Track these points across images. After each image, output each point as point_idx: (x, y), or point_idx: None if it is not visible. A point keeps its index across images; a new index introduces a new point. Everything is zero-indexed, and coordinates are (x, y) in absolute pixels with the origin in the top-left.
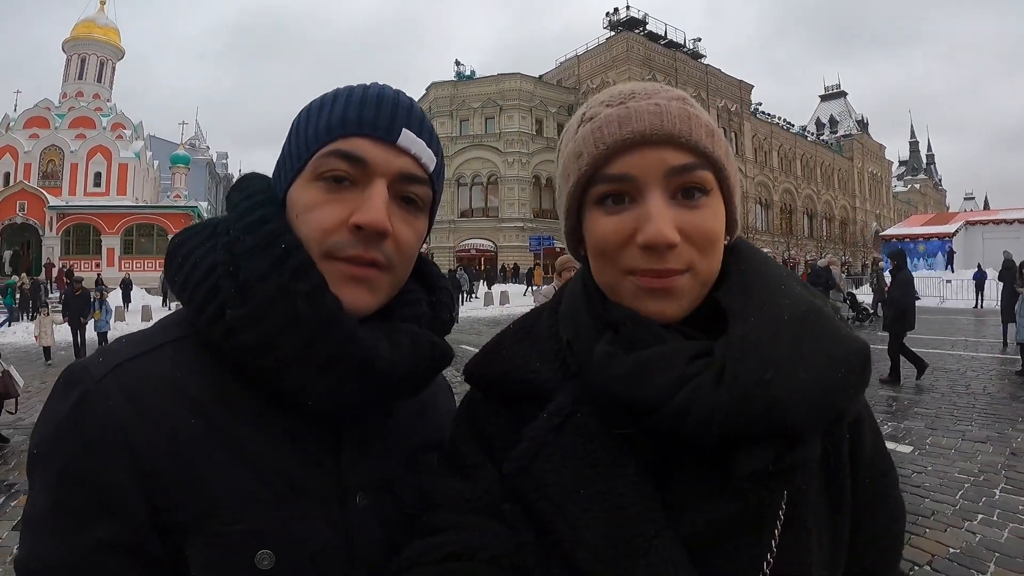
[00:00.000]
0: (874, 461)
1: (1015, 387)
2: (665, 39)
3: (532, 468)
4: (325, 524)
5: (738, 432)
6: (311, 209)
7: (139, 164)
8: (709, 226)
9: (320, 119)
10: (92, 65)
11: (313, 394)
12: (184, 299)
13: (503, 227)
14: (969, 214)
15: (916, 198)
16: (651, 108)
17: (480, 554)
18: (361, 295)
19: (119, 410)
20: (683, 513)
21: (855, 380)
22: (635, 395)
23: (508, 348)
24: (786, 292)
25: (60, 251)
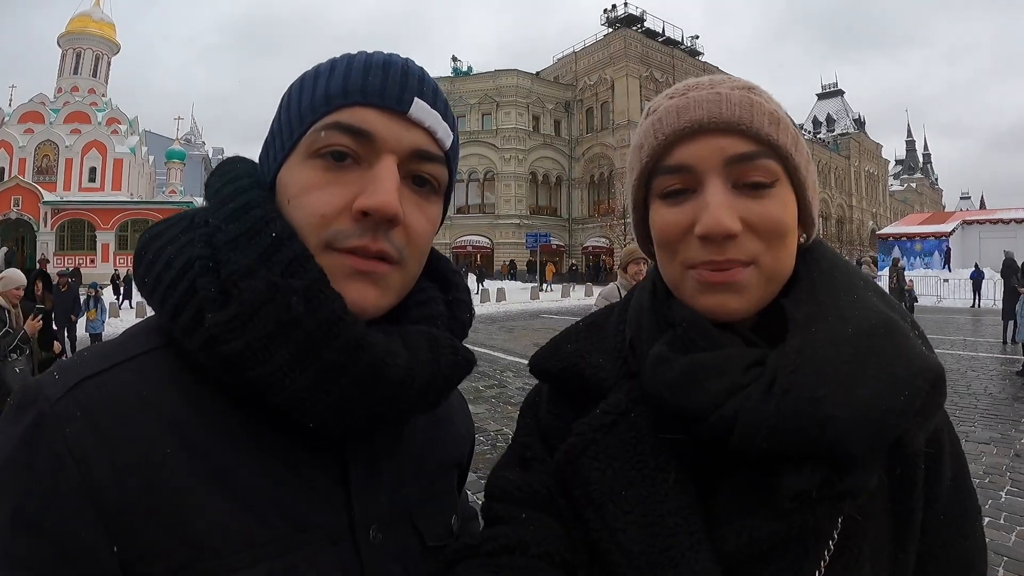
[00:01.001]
0: (953, 496)
1: (1016, 388)
2: (663, 36)
3: (579, 463)
4: (336, 567)
5: (785, 449)
6: (307, 192)
7: (134, 159)
8: (775, 216)
9: (316, 88)
10: (87, 60)
11: (315, 412)
12: (156, 303)
13: (499, 224)
14: (966, 213)
15: (913, 197)
16: (710, 97)
17: (532, 549)
18: (368, 292)
19: (79, 438)
20: (722, 528)
21: (922, 404)
22: (683, 402)
23: (573, 342)
24: (857, 303)
25: (54, 247)
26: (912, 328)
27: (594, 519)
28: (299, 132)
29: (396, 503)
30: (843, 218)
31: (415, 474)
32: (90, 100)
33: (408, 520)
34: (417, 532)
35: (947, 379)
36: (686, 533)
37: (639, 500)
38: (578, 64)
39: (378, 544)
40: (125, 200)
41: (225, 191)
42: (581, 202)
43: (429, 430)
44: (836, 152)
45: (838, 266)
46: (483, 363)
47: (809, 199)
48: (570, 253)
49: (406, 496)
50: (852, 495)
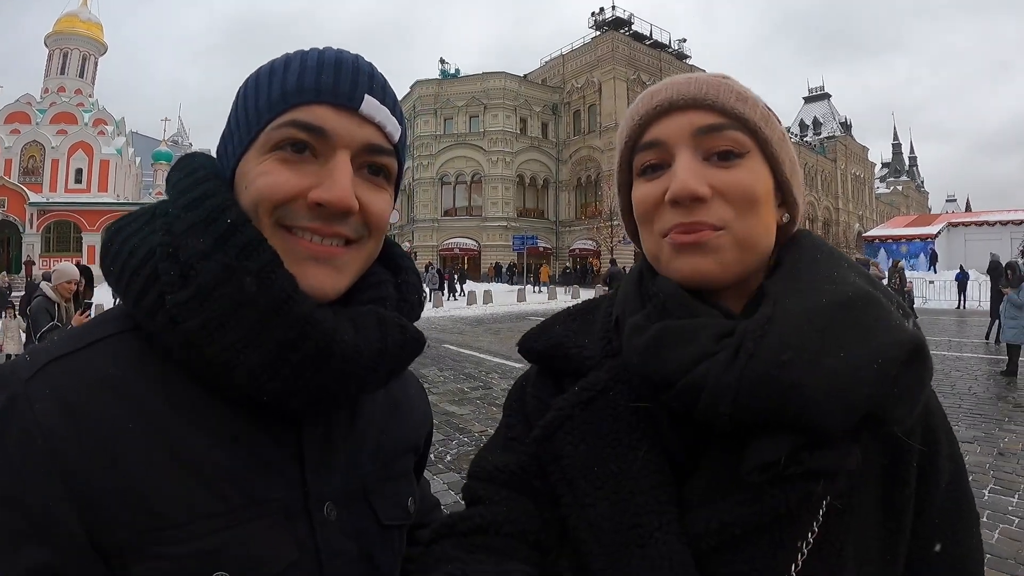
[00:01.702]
0: (949, 500)
1: (1000, 387)
2: (650, 39)
3: (554, 439)
4: (290, 541)
5: (750, 418)
6: (262, 176)
7: (121, 160)
8: (746, 183)
9: (272, 86)
10: (74, 60)
11: (268, 387)
12: (120, 290)
13: (487, 226)
14: (951, 216)
15: (899, 200)
16: (680, 79)
17: (506, 528)
18: (326, 276)
19: (48, 417)
20: (693, 511)
21: (898, 375)
22: (652, 367)
23: (562, 323)
24: (836, 279)
25: (40, 248)
26: (897, 307)
27: (566, 494)
28: (256, 128)
29: (351, 482)
30: (829, 220)
31: (371, 456)
32: (77, 101)
33: (363, 499)
34: (372, 511)
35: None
36: (655, 513)
37: (611, 477)
38: (565, 67)
39: (332, 520)
40: (111, 202)
41: (183, 183)
42: (568, 204)
43: (386, 415)
44: (823, 155)
45: (821, 249)
46: (468, 365)
47: (786, 175)
48: (557, 255)
49: (361, 476)
50: (826, 474)
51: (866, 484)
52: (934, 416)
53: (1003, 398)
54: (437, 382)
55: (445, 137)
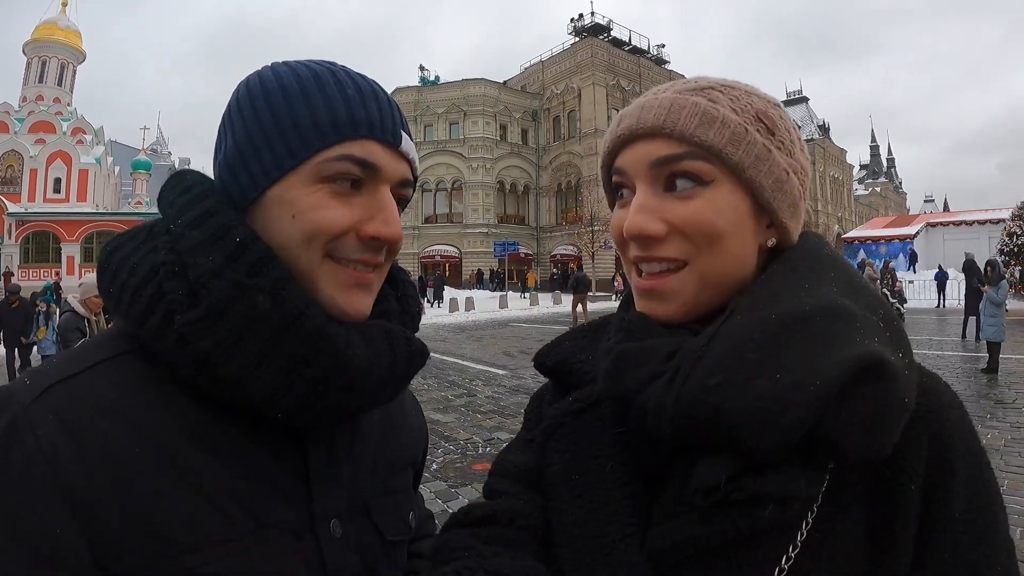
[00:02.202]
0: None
1: (981, 385)
2: (629, 45)
3: (546, 445)
4: (298, 561)
5: (689, 440)
6: (316, 209)
7: (100, 170)
8: (704, 217)
9: (316, 112)
10: (53, 68)
11: (282, 403)
12: (122, 311)
13: (468, 233)
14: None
15: (877, 201)
16: (644, 103)
17: (520, 520)
18: (365, 301)
19: (51, 440)
20: (654, 528)
21: (841, 396)
22: (612, 390)
23: (571, 339)
24: (802, 291)
25: (19, 259)
26: (881, 320)
27: (550, 498)
28: (303, 155)
29: (354, 498)
30: (809, 223)
31: (371, 471)
32: (55, 109)
33: (366, 515)
34: (375, 527)
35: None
36: (620, 524)
37: (588, 486)
38: (545, 73)
39: (338, 537)
40: (91, 211)
41: (180, 201)
42: (549, 210)
43: (384, 430)
44: None
45: (806, 257)
46: (452, 372)
47: (768, 200)
48: (539, 261)
49: (363, 492)
50: (773, 500)
51: (853, 513)
52: (951, 432)
53: (984, 395)
54: (421, 390)
55: (425, 144)
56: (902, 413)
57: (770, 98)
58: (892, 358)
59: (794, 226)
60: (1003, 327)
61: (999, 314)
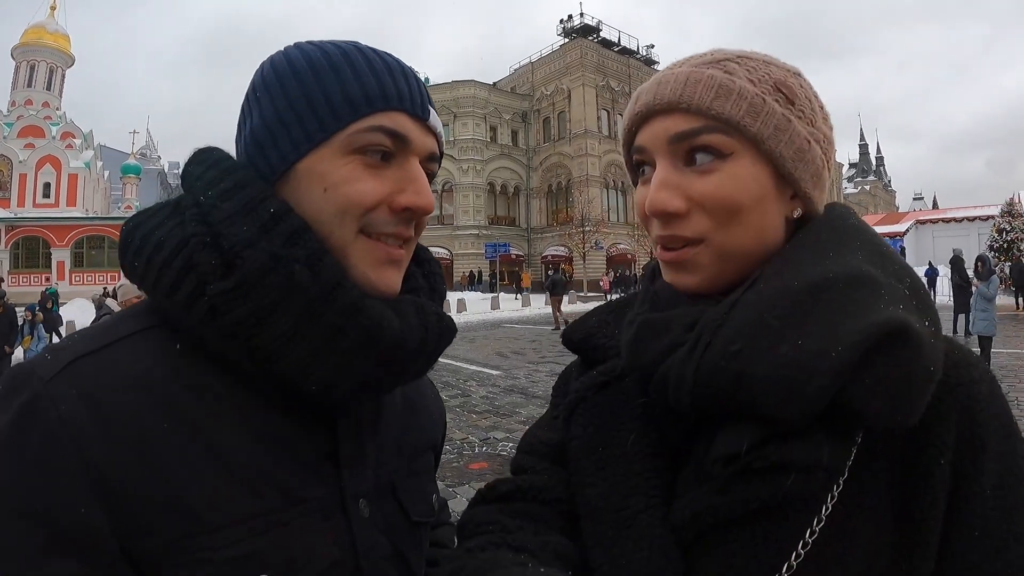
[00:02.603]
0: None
1: None
2: (619, 46)
3: (571, 419)
4: (329, 539)
5: (710, 408)
6: (349, 182)
7: (89, 174)
8: (724, 192)
9: (347, 86)
10: (42, 72)
11: (317, 375)
12: (148, 285)
13: (458, 234)
14: (919, 213)
15: (867, 199)
16: (660, 78)
17: (544, 495)
18: (396, 277)
19: (74, 417)
20: (677, 499)
21: (866, 364)
22: (634, 360)
23: (598, 315)
24: (826, 260)
25: (9, 265)
26: (907, 288)
27: (574, 472)
28: (334, 128)
29: (381, 478)
30: None
31: (395, 454)
32: (44, 114)
33: (392, 495)
34: (402, 507)
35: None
36: (643, 495)
37: (611, 459)
38: (535, 74)
39: (367, 516)
40: (80, 216)
41: (209, 175)
42: (540, 211)
43: (406, 415)
44: None
45: (831, 227)
46: (446, 373)
47: (790, 171)
48: (529, 262)
49: (389, 472)
50: (795, 469)
51: (881, 487)
52: (982, 408)
53: None
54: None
55: None
56: (928, 381)
57: (789, 67)
58: (917, 325)
59: (818, 196)
60: (995, 322)
61: (990, 309)
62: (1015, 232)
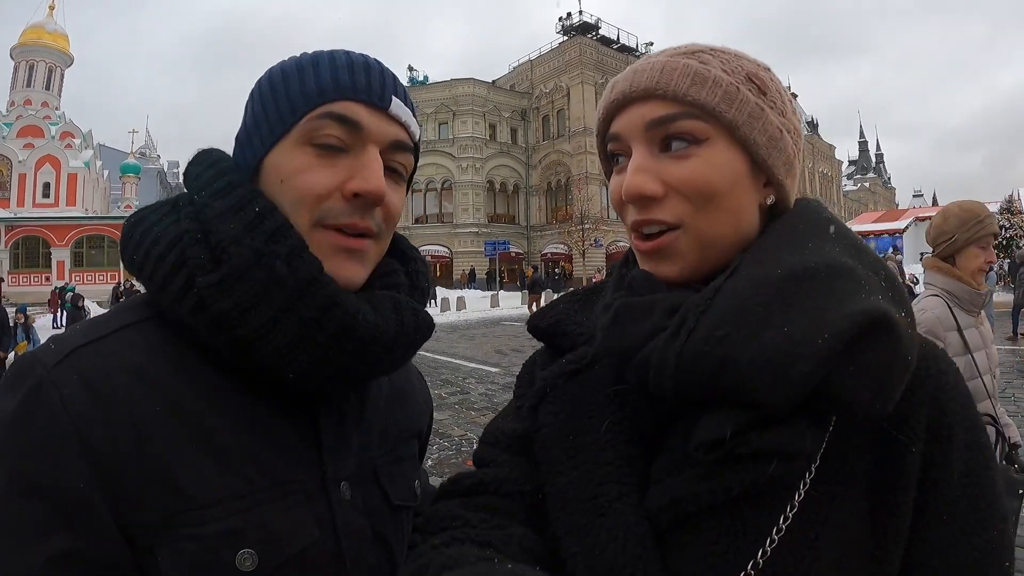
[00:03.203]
0: (963, 495)
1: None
2: (618, 43)
3: (539, 408)
4: (310, 519)
5: (693, 394)
6: (301, 173)
7: (89, 174)
8: (701, 176)
9: (305, 81)
10: (41, 72)
11: (294, 365)
12: (145, 277)
13: (458, 233)
14: (918, 210)
15: (866, 196)
16: (637, 67)
17: (506, 487)
18: (355, 269)
19: (75, 401)
20: (652, 486)
21: (851, 352)
22: (612, 344)
23: (566, 302)
24: (809, 249)
25: (9, 265)
26: (883, 280)
27: (543, 462)
28: (291, 120)
29: (363, 463)
30: None
31: (380, 439)
32: (43, 114)
33: (374, 480)
34: (383, 491)
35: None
36: (616, 483)
37: (582, 447)
38: (534, 72)
39: (347, 499)
40: (80, 216)
41: (206, 175)
42: (539, 209)
43: (391, 402)
44: None
45: (807, 219)
46: (445, 371)
47: (764, 158)
48: (529, 260)
49: (371, 458)
50: (778, 455)
51: (853, 474)
52: (949, 399)
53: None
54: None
55: None
56: (906, 370)
57: (759, 62)
58: (897, 315)
59: (791, 184)
60: (991, 318)
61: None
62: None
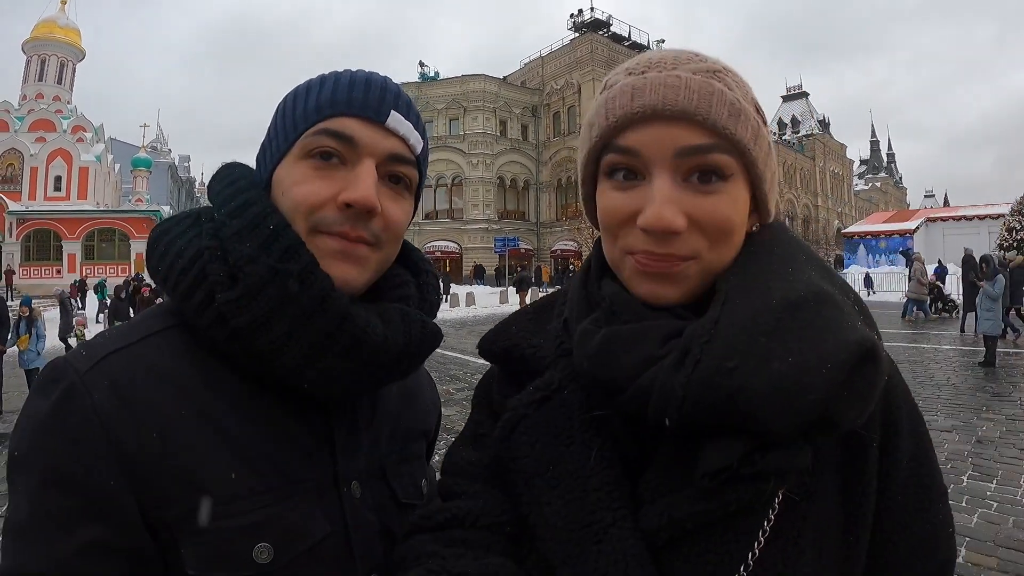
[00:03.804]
0: (911, 478)
1: (978, 378)
2: (629, 40)
3: (511, 439)
4: (322, 515)
5: (699, 423)
6: (297, 184)
7: (100, 167)
8: (724, 214)
9: (308, 100)
10: (52, 66)
11: (308, 376)
12: (169, 288)
13: (468, 229)
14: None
15: (877, 196)
16: (668, 80)
17: (480, 520)
18: (351, 271)
19: (105, 404)
20: (645, 507)
21: (847, 379)
22: (601, 374)
23: (518, 324)
24: (790, 275)
25: (20, 258)
26: (854, 303)
27: (524, 493)
28: (293, 137)
29: (372, 462)
30: (809, 218)
31: (389, 439)
32: (55, 107)
33: (383, 478)
34: (391, 489)
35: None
36: (608, 509)
37: (565, 475)
38: (545, 69)
39: (357, 497)
40: (91, 209)
41: (226, 192)
42: (549, 206)
43: (401, 403)
44: (801, 153)
45: (780, 241)
46: (453, 367)
47: (766, 192)
48: (538, 257)
49: (381, 457)
50: (778, 475)
51: (824, 473)
52: (895, 394)
53: (981, 388)
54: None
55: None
56: (881, 388)
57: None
58: (878, 340)
59: (769, 217)
60: (1000, 321)
61: (996, 308)
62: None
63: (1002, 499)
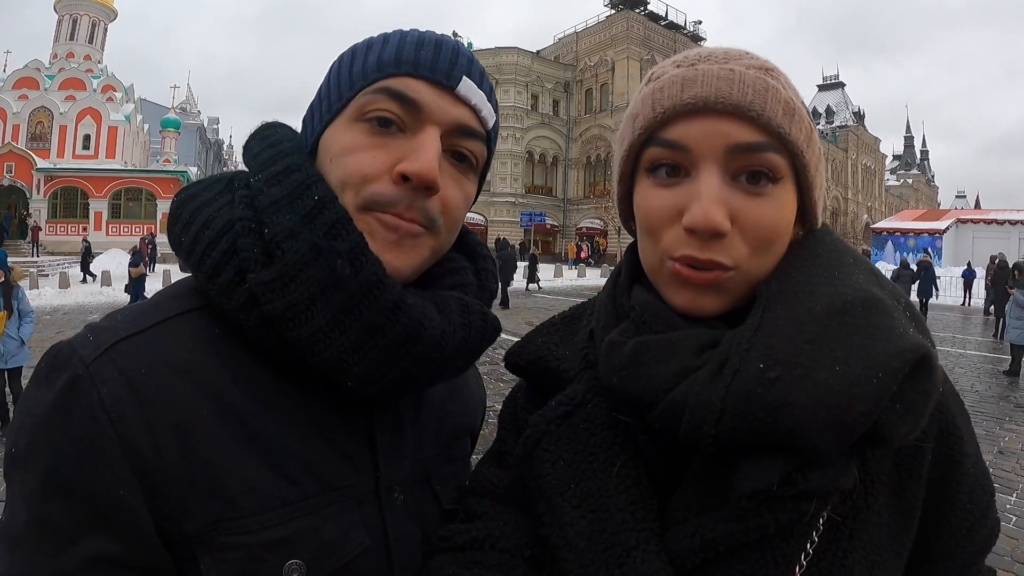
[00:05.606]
0: (977, 484)
1: (1003, 386)
2: (666, 20)
3: (533, 456)
4: (361, 527)
5: (736, 438)
6: (350, 152)
7: (129, 127)
8: (771, 220)
9: (369, 57)
10: (84, 26)
11: (353, 372)
12: (192, 264)
13: (495, 201)
14: (960, 212)
15: (908, 193)
16: (721, 73)
17: (500, 543)
18: (401, 258)
19: (115, 399)
20: (675, 528)
21: (900, 389)
22: (631, 387)
23: (544, 335)
24: (836, 280)
25: (47, 214)
26: (905, 309)
27: (545, 513)
28: (348, 96)
29: (416, 467)
30: (838, 210)
31: (434, 440)
32: (86, 67)
33: (427, 483)
34: (435, 495)
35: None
36: (633, 530)
37: (588, 494)
38: (579, 44)
39: (400, 505)
40: (119, 168)
41: (265, 155)
42: (577, 183)
43: (446, 399)
44: (834, 144)
45: (824, 243)
46: None
47: (815, 200)
48: (564, 233)
49: (425, 460)
50: (820, 495)
51: (874, 484)
52: (950, 400)
53: (1005, 397)
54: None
55: None
56: (935, 398)
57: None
58: (931, 348)
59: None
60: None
61: None
62: None
63: (1022, 513)
